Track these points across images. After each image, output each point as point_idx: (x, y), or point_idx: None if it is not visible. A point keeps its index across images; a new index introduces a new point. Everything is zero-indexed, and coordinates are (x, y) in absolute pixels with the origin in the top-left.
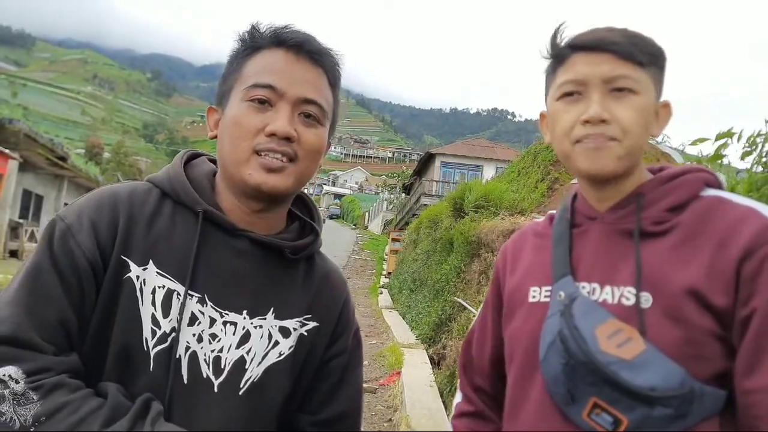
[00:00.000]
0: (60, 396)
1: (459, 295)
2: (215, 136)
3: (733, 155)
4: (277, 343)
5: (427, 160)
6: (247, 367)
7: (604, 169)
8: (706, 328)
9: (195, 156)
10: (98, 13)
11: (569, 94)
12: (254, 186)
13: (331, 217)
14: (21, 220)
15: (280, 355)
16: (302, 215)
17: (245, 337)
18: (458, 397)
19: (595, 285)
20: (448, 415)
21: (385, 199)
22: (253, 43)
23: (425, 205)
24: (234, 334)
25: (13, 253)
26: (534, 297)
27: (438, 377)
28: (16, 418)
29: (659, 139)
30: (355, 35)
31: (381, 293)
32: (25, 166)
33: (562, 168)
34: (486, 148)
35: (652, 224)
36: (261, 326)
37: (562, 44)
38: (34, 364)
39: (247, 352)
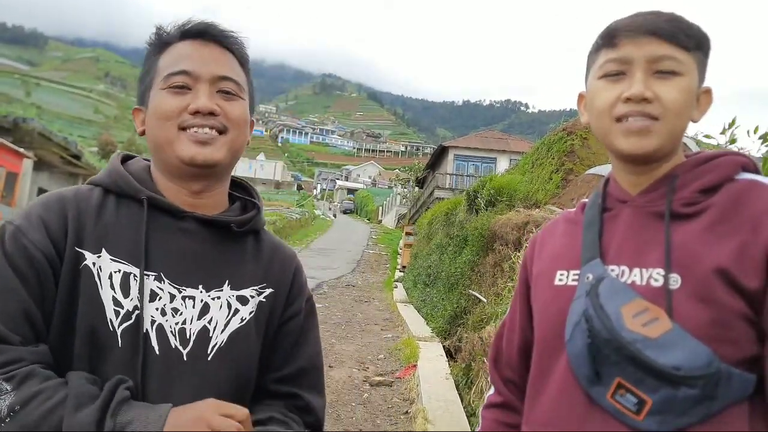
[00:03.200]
0: (33, 385)
1: (474, 288)
2: (143, 132)
3: (743, 142)
4: (237, 310)
5: (440, 154)
6: (211, 335)
7: (644, 150)
8: (736, 310)
9: (129, 157)
10: (111, 12)
11: (612, 73)
12: (188, 160)
13: (345, 212)
14: None
15: (242, 320)
16: (244, 197)
17: (205, 309)
18: (491, 390)
19: (624, 267)
20: (464, 407)
21: (398, 194)
22: (161, 41)
23: (439, 198)
24: (194, 307)
25: None
26: (561, 280)
27: (454, 369)
28: None
29: None
30: (366, 28)
31: (396, 287)
32: (39, 165)
33: (577, 159)
34: (499, 140)
35: (683, 206)
36: (219, 297)
37: (610, 25)
38: (5, 356)
39: (209, 322)
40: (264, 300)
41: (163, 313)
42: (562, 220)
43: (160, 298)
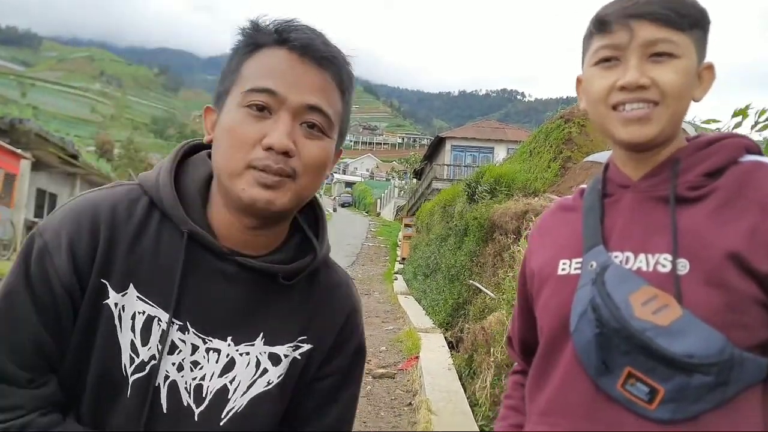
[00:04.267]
0: None
1: (474, 278)
2: (211, 141)
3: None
4: (265, 371)
5: (437, 144)
6: (230, 396)
7: (645, 138)
8: (749, 294)
9: (195, 148)
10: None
11: (606, 59)
12: (248, 202)
13: (343, 205)
14: (36, 219)
15: (269, 383)
16: (308, 226)
17: (229, 365)
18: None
19: (628, 253)
20: (467, 398)
21: (396, 186)
22: (254, 39)
23: (437, 189)
24: (217, 361)
25: None
26: (563, 270)
27: (456, 360)
28: None
29: None
30: (359, 20)
31: (396, 279)
32: (37, 166)
33: (575, 146)
34: (496, 129)
35: (688, 189)
36: (248, 353)
37: (600, 10)
38: (4, 400)
39: (231, 381)
40: (299, 357)
41: (180, 368)
42: (558, 208)
43: (180, 351)
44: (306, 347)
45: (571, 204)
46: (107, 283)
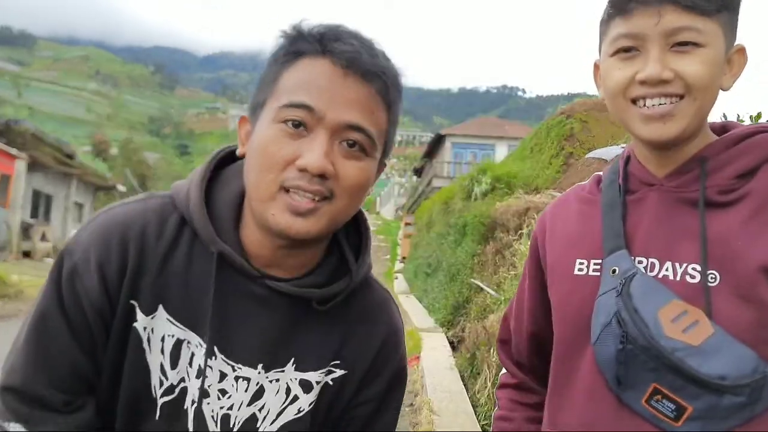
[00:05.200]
0: None
1: (475, 277)
2: (244, 154)
3: None
4: (296, 398)
5: (437, 142)
6: (258, 426)
7: (667, 137)
8: None
9: (229, 157)
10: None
11: (625, 50)
12: (278, 231)
13: None
14: (32, 220)
15: (299, 411)
16: (346, 244)
17: (258, 393)
18: (503, 369)
19: (654, 260)
20: (469, 398)
21: (396, 183)
22: (295, 47)
23: (438, 187)
24: (246, 390)
25: (26, 254)
26: (581, 270)
27: (458, 360)
28: None
29: None
30: (359, 17)
31: (396, 278)
32: (33, 166)
33: (577, 142)
34: (497, 126)
35: (719, 193)
36: (278, 380)
37: None
38: (39, 426)
39: (260, 410)
40: (331, 383)
41: (205, 394)
42: (574, 198)
43: (207, 377)
44: (339, 372)
45: (588, 196)
46: (136, 304)
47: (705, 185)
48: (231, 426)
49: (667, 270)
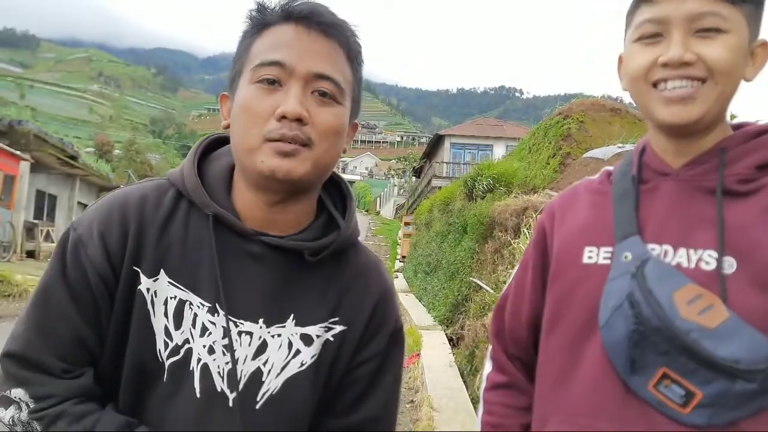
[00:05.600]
0: (60, 428)
1: (474, 275)
2: (228, 126)
3: None
4: (298, 352)
5: (436, 142)
6: (264, 379)
7: (688, 119)
8: None
9: (217, 142)
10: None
11: (649, 36)
12: (268, 173)
13: None
14: (36, 221)
15: (302, 365)
16: (334, 207)
17: (262, 347)
18: (488, 367)
19: (667, 247)
20: (469, 395)
21: (396, 184)
22: (261, 19)
23: (437, 187)
24: (249, 344)
25: (30, 254)
26: (590, 258)
27: (457, 357)
28: None
29: None
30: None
31: (396, 277)
32: (36, 167)
33: (574, 142)
34: (495, 126)
35: (738, 182)
36: (279, 335)
37: None
38: (39, 389)
39: (264, 363)
40: (332, 339)
41: (211, 350)
42: (584, 189)
43: (210, 333)
44: (338, 329)
45: (598, 186)
46: (139, 270)
47: (724, 174)
48: (238, 380)
49: (681, 257)
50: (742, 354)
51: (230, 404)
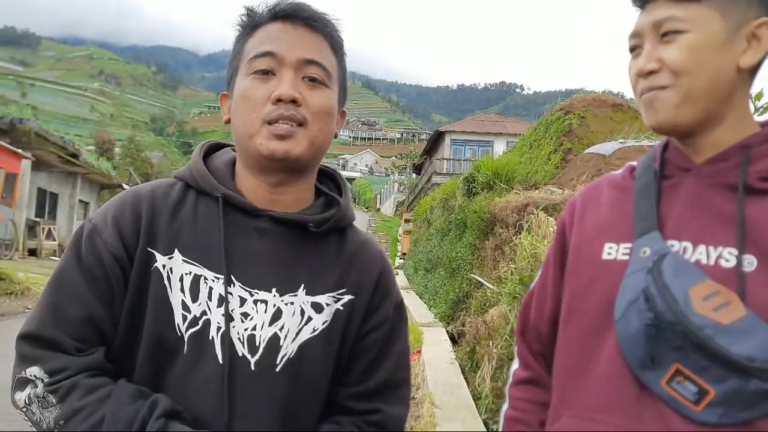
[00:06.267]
0: (75, 399)
1: (475, 272)
2: (229, 120)
3: None
4: (310, 318)
5: (436, 139)
6: (281, 344)
7: (661, 123)
8: None
9: (217, 147)
10: (106, 10)
11: (632, 49)
12: (267, 155)
13: None
14: (37, 219)
15: (314, 330)
16: (330, 192)
17: (277, 315)
18: (515, 363)
19: (686, 243)
20: (470, 391)
21: (396, 181)
22: (251, 22)
23: (437, 184)
24: (265, 312)
25: (32, 252)
26: (610, 254)
27: (458, 354)
28: (42, 419)
29: None
30: (357, 16)
31: (397, 274)
32: (38, 165)
33: (575, 138)
34: (496, 123)
35: (760, 180)
36: (292, 303)
37: None
38: (53, 363)
39: (280, 329)
40: (341, 308)
41: (231, 318)
42: (607, 184)
43: (229, 302)
44: (347, 298)
45: (620, 182)
46: (153, 250)
47: (746, 171)
48: (257, 345)
49: (700, 254)
50: (757, 352)
51: (252, 368)
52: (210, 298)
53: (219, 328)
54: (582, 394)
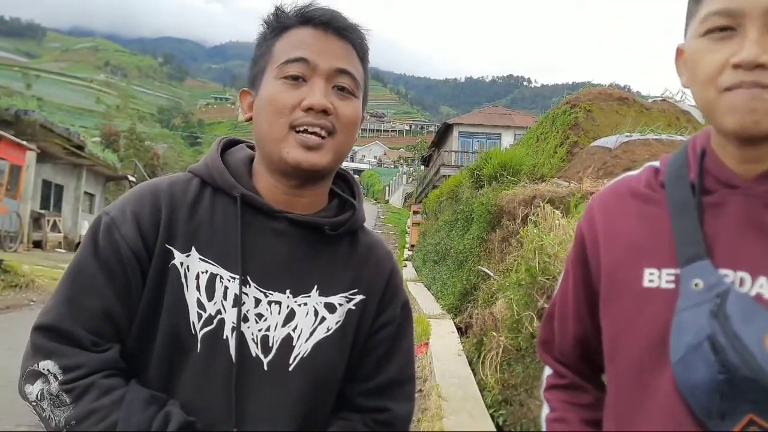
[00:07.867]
0: (89, 401)
1: (482, 264)
2: (250, 118)
3: None
4: (323, 318)
5: (444, 131)
6: (294, 344)
7: (757, 128)
8: None
9: (233, 143)
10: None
11: (719, 29)
12: (293, 164)
13: None
14: (42, 211)
15: (328, 330)
16: (343, 193)
17: (290, 315)
18: (547, 370)
19: (743, 274)
20: (477, 383)
21: (404, 173)
22: (280, 23)
23: (445, 176)
24: (279, 312)
25: (37, 244)
26: (651, 281)
27: (465, 345)
28: (53, 417)
29: (678, 97)
30: (365, 7)
31: (405, 266)
32: (43, 157)
33: (581, 131)
34: (503, 115)
35: None
36: (306, 304)
37: None
38: (68, 360)
39: (294, 330)
40: (354, 308)
41: (245, 319)
42: (629, 193)
43: (244, 303)
44: (359, 298)
45: (646, 192)
46: (172, 247)
47: None
48: (270, 346)
49: (761, 287)
50: None
51: (265, 368)
52: (225, 297)
53: (233, 328)
54: None
